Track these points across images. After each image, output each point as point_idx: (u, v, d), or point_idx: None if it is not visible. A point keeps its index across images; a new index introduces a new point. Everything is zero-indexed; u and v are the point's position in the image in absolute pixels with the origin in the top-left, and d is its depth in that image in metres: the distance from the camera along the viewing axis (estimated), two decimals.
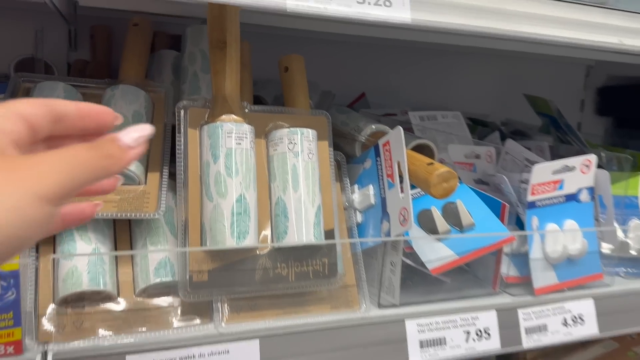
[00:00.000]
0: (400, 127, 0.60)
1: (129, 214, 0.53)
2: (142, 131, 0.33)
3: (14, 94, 0.61)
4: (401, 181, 0.59)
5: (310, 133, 0.60)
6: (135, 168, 0.55)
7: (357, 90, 1.15)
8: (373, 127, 0.72)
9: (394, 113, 1.09)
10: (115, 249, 0.58)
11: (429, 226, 0.67)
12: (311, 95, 0.96)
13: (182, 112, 0.58)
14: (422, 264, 0.64)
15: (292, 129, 0.59)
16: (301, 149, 0.59)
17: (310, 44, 1.08)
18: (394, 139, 0.61)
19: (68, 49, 0.94)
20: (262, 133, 0.61)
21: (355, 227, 0.65)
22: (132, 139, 0.33)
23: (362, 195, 0.65)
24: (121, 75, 0.67)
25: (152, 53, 0.78)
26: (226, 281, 0.55)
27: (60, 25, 0.90)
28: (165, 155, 0.59)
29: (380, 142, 0.64)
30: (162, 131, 0.62)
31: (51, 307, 0.52)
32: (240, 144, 0.56)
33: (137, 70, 0.68)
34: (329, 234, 0.60)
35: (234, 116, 0.58)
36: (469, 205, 0.69)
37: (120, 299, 0.55)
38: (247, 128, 0.57)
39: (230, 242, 0.54)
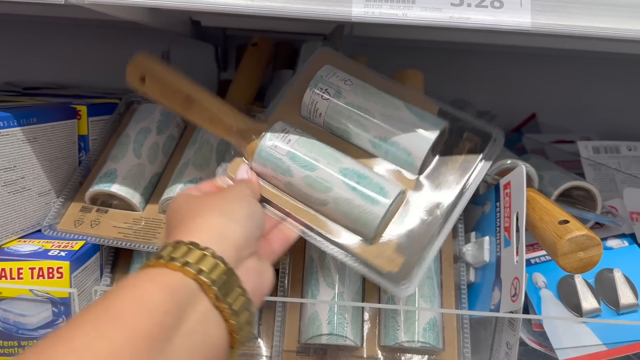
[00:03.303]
0: (524, 167, 0.45)
1: None
2: (243, 170, 0.46)
3: (122, 114, 0.61)
4: (517, 240, 0.44)
5: None
6: None
7: (527, 111, 0.97)
8: (508, 162, 0.57)
9: (570, 140, 0.89)
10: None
11: (571, 300, 0.50)
12: None
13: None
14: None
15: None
16: None
17: (465, 56, 0.94)
18: (515, 181, 0.46)
19: (218, 70, 0.96)
20: None
21: (464, 286, 0.51)
22: (239, 176, 0.46)
23: (476, 248, 0.51)
24: (228, 95, 0.63)
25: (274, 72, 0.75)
26: None
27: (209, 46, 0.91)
28: None
29: (502, 182, 0.49)
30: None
31: None
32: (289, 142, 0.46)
33: (243, 94, 0.64)
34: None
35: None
36: (637, 276, 0.50)
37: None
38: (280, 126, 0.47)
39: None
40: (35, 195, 0.52)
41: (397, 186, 0.45)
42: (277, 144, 0.45)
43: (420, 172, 0.47)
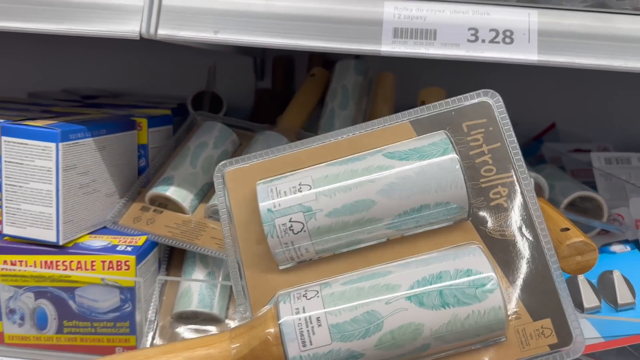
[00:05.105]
0: (532, 178, 0.51)
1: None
2: None
3: (189, 129, 0.68)
4: None
5: None
6: None
7: (548, 119, 1.01)
8: None
9: (587, 149, 0.93)
10: None
11: (575, 298, 0.56)
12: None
13: None
14: None
15: None
16: None
17: (487, 66, 0.99)
18: None
19: (256, 79, 1.03)
20: None
21: None
22: None
23: None
24: (281, 119, 0.70)
25: None
26: None
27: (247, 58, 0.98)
28: None
29: None
30: None
31: (167, 320, 0.58)
32: None
33: (294, 119, 0.70)
34: None
35: None
36: (637, 278, 0.56)
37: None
38: None
39: None
40: (103, 196, 0.60)
41: (480, 258, 0.36)
42: (307, 331, 0.34)
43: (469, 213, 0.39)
